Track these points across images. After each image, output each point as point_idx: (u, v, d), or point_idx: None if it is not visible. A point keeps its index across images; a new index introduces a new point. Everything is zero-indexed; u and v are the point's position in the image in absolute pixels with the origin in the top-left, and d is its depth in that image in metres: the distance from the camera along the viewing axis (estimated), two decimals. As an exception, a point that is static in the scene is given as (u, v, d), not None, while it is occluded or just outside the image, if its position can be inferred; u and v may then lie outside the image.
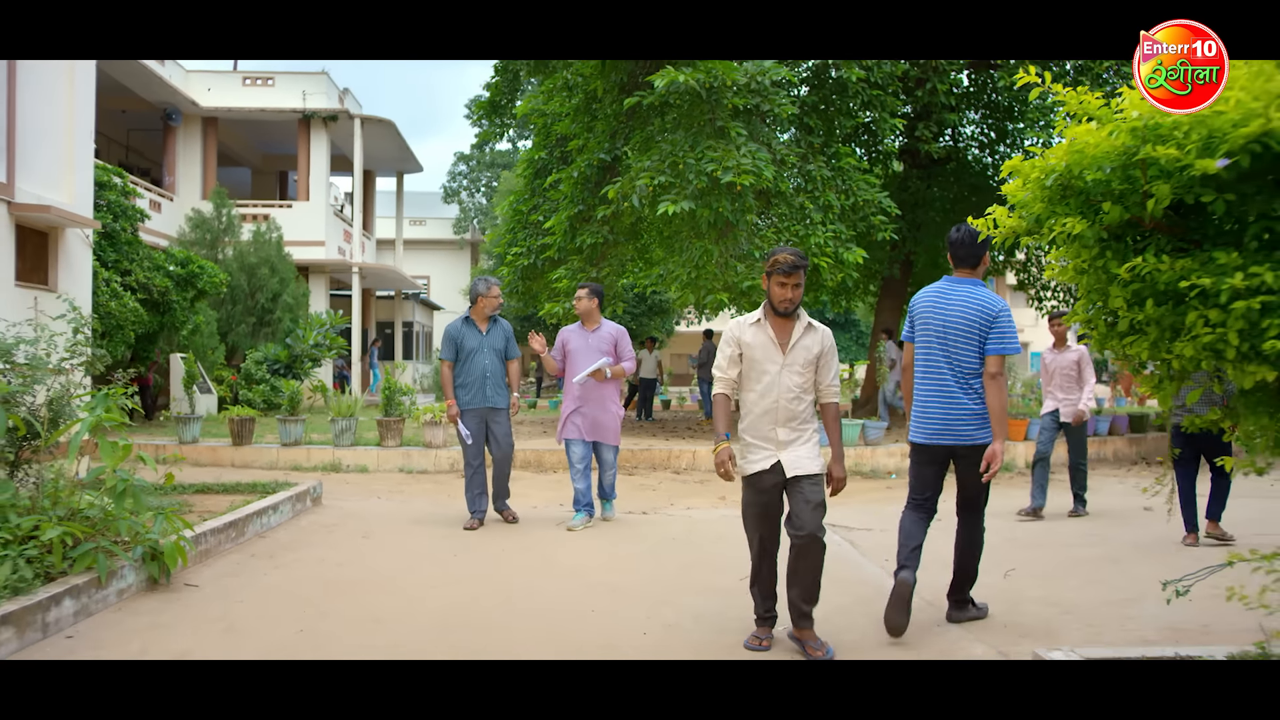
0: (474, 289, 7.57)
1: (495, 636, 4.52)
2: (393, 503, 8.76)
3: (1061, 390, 8.44)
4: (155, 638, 4.39)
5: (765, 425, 4.21)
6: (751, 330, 4.26)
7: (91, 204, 8.82)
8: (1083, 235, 2.30)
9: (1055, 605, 5.10)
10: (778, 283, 4.16)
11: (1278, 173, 2.16)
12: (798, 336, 4.21)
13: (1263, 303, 2.04)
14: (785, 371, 4.19)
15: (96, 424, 4.93)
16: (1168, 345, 2.26)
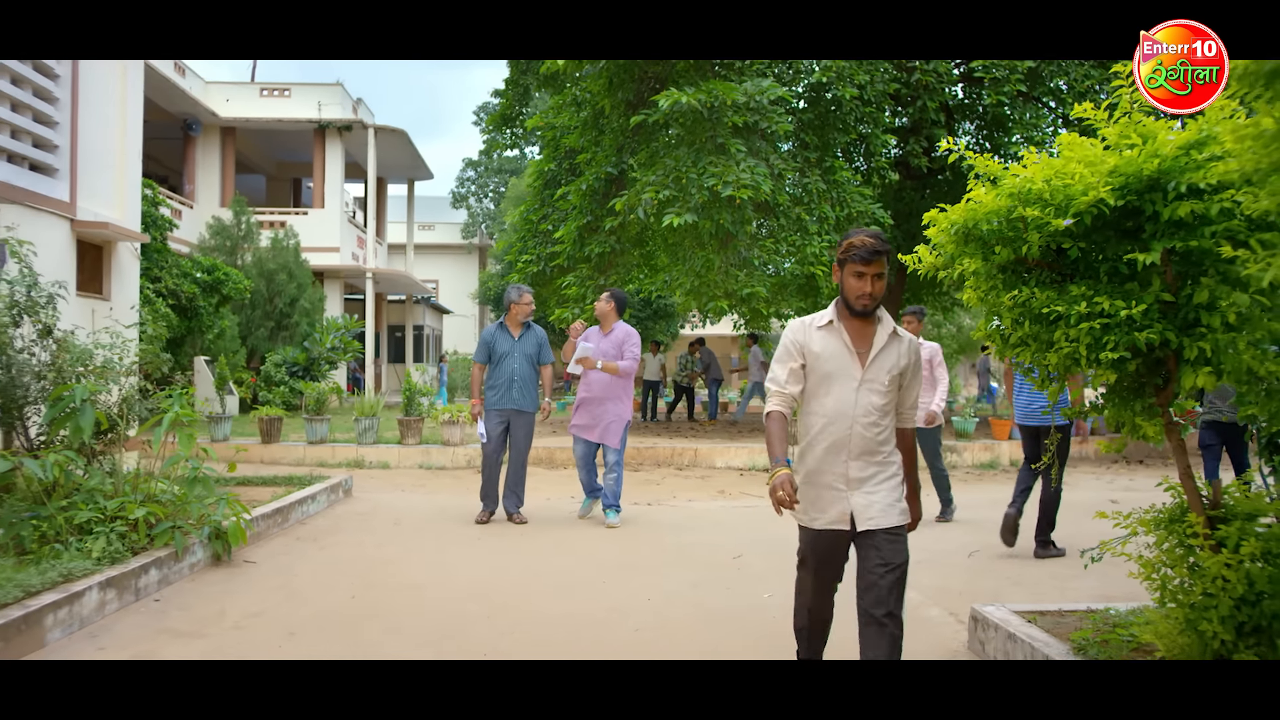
0: (506, 296, 7.89)
1: (521, 600, 5.25)
2: (417, 495, 9.49)
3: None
4: (230, 602, 5.13)
5: (834, 459, 3.23)
6: (821, 336, 3.27)
7: (139, 219, 9.57)
8: (979, 270, 3.03)
9: (1008, 579, 5.83)
10: (854, 273, 3.17)
11: (1119, 226, 2.88)
12: (881, 344, 3.22)
13: (1103, 324, 2.77)
14: (865, 390, 3.20)
15: (175, 419, 5.66)
16: (1043, 355, 2.99)
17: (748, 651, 4.38)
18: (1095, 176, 2.72)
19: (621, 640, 4.54)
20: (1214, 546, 2.97)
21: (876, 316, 3.25)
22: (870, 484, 3.24)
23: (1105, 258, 2.91)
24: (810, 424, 3.34)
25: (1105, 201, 2.68)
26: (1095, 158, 2.82)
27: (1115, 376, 2.98)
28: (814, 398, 3.31)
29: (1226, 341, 2.75)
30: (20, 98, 7.48)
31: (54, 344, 6.20)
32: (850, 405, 3.22)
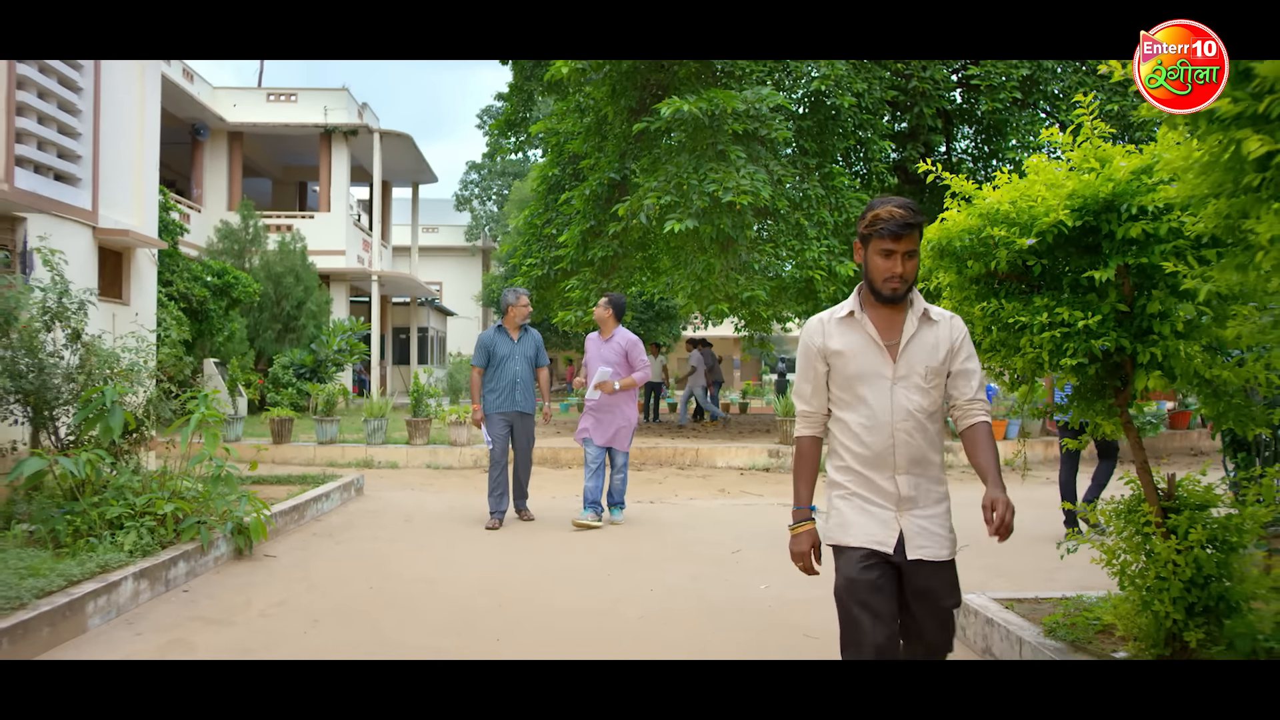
0: (504, 299, 7.91)
1: (530, 592, 5.54)
2: (426, 493, 9.78)
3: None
4: (255, 592, 5.41)
5: (876, 475, 2.74)
6: (840, 330, 2.80)
7: (157, 225, 9.86)
8: (953, 283, 3.32)
9: (994, 571, 6.10)
10: (880, 250, 2.69)
11: (1080, 242, 3.16)
12: (912, 331, 2.75)
13: (1063, 332, 3.05)
14: (900, 387, 2.72)
15: (202, 420, 5.96)
16: (1010, 360, 3.27)
17: (745, 639, 4.66)
18: (1056, 199, 3.00)
19: (626, 629, 4.82)
20: (1166, 534, 3.26)
21: (907, 300, 2.75)
22: (923, 506, 2.74)
23: (1068, 271, 3.20)
24: (843, 436, 2.80)
25: (1064, 222, 2.97)
26: (1057, 180, 3.10)
27: (1078, 380, 3.26)
28: (843, 404, 2.79)
29: (1176, 348, 3.04)
30: (47, 110, 7.77)
31: (82, 348, 6.49)
32: (886, 409, 2.71)
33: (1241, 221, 2.24)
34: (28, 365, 6.13)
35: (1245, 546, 3.25)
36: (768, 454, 12.55)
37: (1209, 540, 3.21)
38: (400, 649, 4.38)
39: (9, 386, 6.09)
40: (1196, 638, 3.20)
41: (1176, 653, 3.31)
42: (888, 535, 2.72)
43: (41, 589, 4.40)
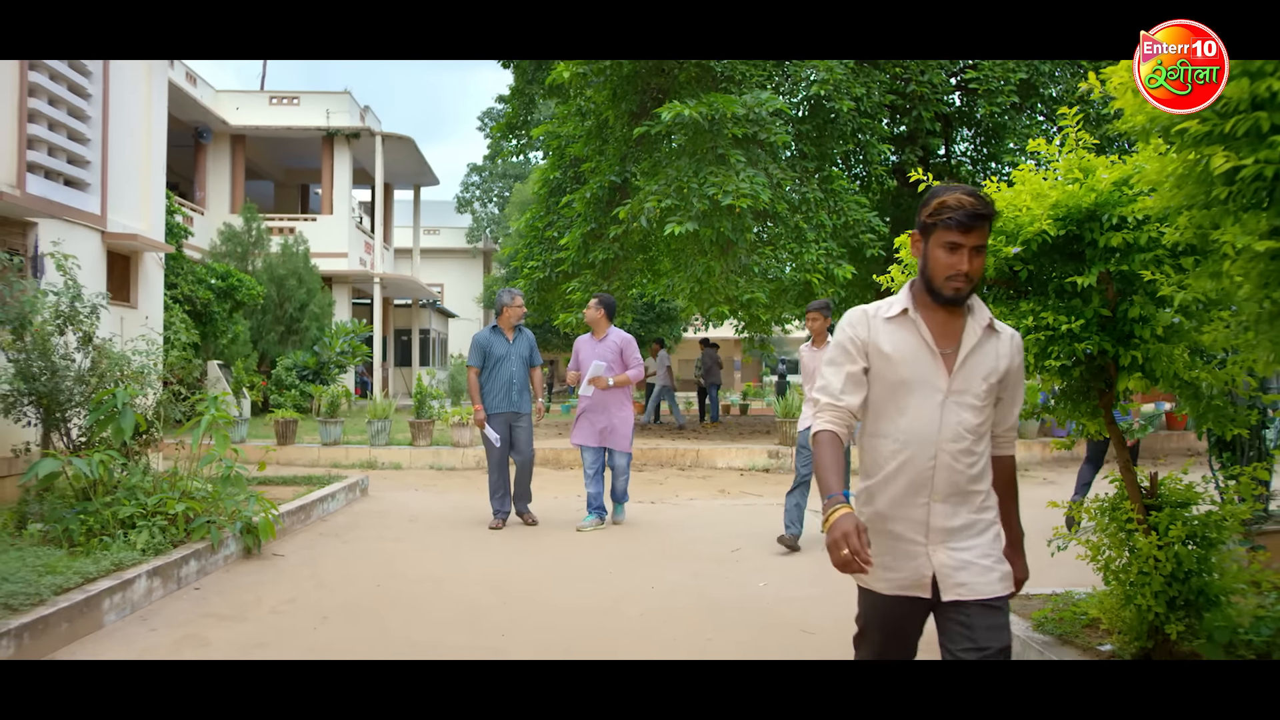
0: (499, 300, 7.90)
1: (534, 590, 5.66)
2: (429, 494, 9.90)
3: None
4: (265, 590, 5.54)
5: (910, 502, 2.44)
6: (890, 329, 2.48)
7: (164, 229, 9.99)
8: (943, 288, 3.45)
9: (988, 569, 6.22)
10: (945, 244, 2.38)
11: (1065, 250, 3.28)
12: (974, 341, 2.43)
13: (1047, 336, 3.17)
14: (953, 403, 2.41)
15: (212, 421, 6.08)
16: (998, 362, 3.40)
17: (744, 636, 4.78)
18: (1040, 209, 3.12)
19: (627, 626, 4.94)
20: (1147, 530, 3.38)
21: (967, 305, 2.43)
22: (961, 537, 2.39)
23: (1054, 277, 3.32)
24: (878, 451, 2.49)
25: (1047, 232, 3.09)
26: (1042, 191, 3.22)
27: (1064, 382, 3.39)
28: (883, 415, 2.47)
29: (1157, 351, 3.16)
30: (57, 117, 7.90)
31: (93, 351, 6.61)
32: (933, 426, 2.39)
33: (1212, 232, 2.36)
34: (40, 368, 6.25)
35: (1225, 542, 3.37)
36: (767, 455, 12.67)
37: (1189, 536, 3.34)
38: (408, 645, 4.51)
39: (23, 389, 6.22)
40: (1177, 630, 3.33)
41: (1159, 645, 3.43)
42: (918, 578, 2.41)
43: (59, 586, 4.52)
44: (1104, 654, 3.57)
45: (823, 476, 2.38)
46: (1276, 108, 2.11)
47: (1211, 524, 3.36)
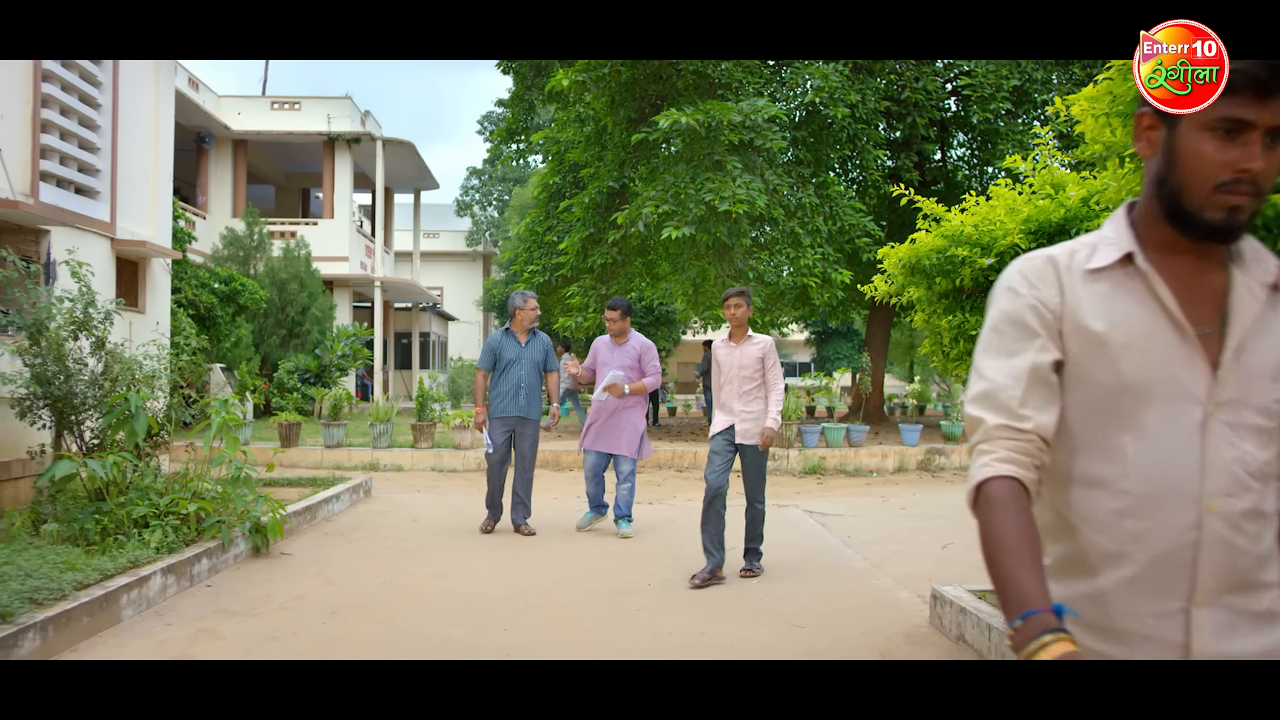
0: (511, 302, 7.77)
1: (535, 586, 5.85)
2: (432, 495, 10.09)
3: (740, 399, 6.09)
4: (274, 587, 5.73)
5: (1150, 604, 1.42)
6: (1102, 291, 1.49)
7: (170, 235, 10.18)
8: (923, 297, 3.64)
9: (975, 567, 6.36)
10: (1221, 124, 1.55)
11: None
12: (1252, 310, 1.45)
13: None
14: (1222, 424, 1.41)
15: (223, 424, 6.27)
16: (974, 368, 3.60)
17: (737, 629, 4.97)
18: (1013, 223, 3.32)
19: (625, 619, 5.13)
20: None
21: (1234, 249, 1.49)
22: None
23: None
24: (1085, 513, 1.47)
25: (1019, 244, 3.29)
26: (1016, 206, 3.42)
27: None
28: (1092, 447, 1.47)
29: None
30: (69, 127, 8.09)
31: (106, 355, 6.80)
32: (1190, 466, 1.41)
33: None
34: (55, 372, 6.44)
35: None
36: (764, 457, 12.85)
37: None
38: (415, 638, 4.70)
39: (38, 392, 6.40)
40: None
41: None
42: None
43: (80, 582, 4.71)
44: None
45: (1003, 571, 1.33)
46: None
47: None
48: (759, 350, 6.07)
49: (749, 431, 6.05)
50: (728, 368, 6.15)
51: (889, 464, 12.94)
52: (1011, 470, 1.40)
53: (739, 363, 6.08)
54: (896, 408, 24.17)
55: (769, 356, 6.07)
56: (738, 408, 6.08)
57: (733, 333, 6.21)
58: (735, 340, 6.19)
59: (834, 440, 13.41)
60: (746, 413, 6.04)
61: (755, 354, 6.06)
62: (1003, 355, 1.48)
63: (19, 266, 6.50)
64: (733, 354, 6.15)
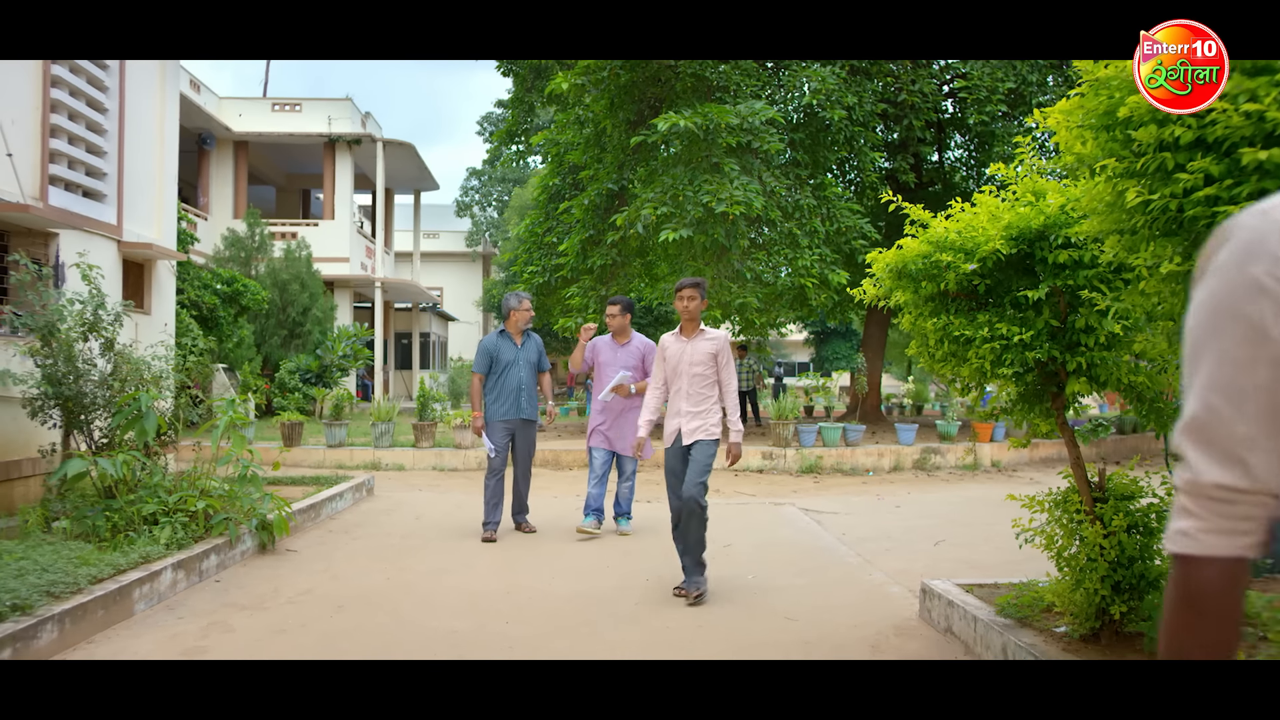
0: (505, 304, 7.70)
1: (535, 581, 5.99)
2: (433, 494, 10.23)
3: (689, 400, 5.57)
4: (281, 582, 5.87)
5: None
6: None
7: (175, 237, 10.32)
8: (910, 301, 3.78)
9: (965, 562, 6.56)
10: None
11: (1020, 266, 3.62)
12: None
13: (1001, 345, 3.51)
14: None
15: (230, 423, 6.41)
16: (959, 368, 3.73)
17: (733, 622, 5.11)
18: (995, 229, 3.46)
19: (623, 612, 5.27)
20: (1094, 521, 3.72)
21: None
22: None
23: (1009, 291, 3.66)
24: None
25: (1000, 250, 3.43)
26: (998, 212, 3.56)
27: (1017, 386, 3.73)
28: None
29: (1100, 358, 3.50)
30: (77, 131, 8.23)
31: (114, 356, 6.94)
32: None
33: (1130, 256, 2.70)
34: (65, 373, 6.58)
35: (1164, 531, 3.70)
36: (761, 456, 12.99)
37: (1131, 526, 3.67)
38: (420, 630, 4.84)
39: (49, 393, 6.55)
40: (1121, 610, 3.66)
41: (1105, 625, 3.77)
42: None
43: (94, 576, 4.85)
44: (1059, 634, 3.91)
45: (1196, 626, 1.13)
46: (1179, 149, 2.44)
47: (1153, 514, 3.70)
48: (713, 345, 5.59)
49: (698, 429, 5.52)
50: (677, 364, 5.62)
51: (885, 463, 13.08)
52: (1230, 548, 1.10)
53: (690, 359, 5.57)
54: (894, 407, 24.29)
55: (723, 353, 5.61)
56: (686, 409, 5.57)
57: (684, 326, 5.68)
58: (687, 335, 5.66)
59: (831, 439, 13.55)
60: (694, 413, 5.55)
61: (708, 349, 5.57)
62: (1225, 379, 1.10)
63: (31, 270, 6.64)
64: (684, 349, 5.62)
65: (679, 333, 5.71)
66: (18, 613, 4.19)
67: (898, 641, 4.70)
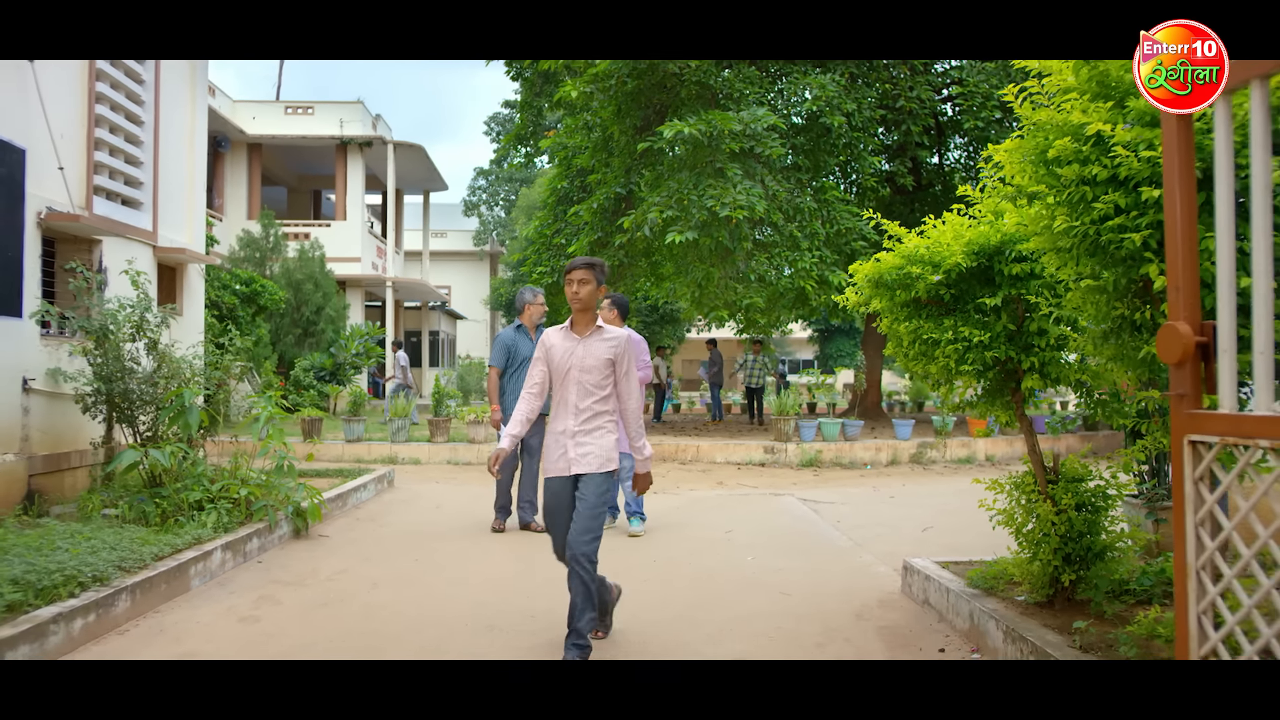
0: (520, 298, 7.73)
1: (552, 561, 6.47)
2: (450, 486, 10.75)
3: (575, 416, 4.29)
4: (319, 563, 6.40)
5: None
6: None
7: (204, 241, 10.86)
8: (886, 307, 4.30)
9: (949, 546, 7.04)
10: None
11: (982, 277, 4.12)
12: None
13: (964, 346, 4.02)
14: None
15: (269, 416, 6.95)
16: (928, 367, 4.24)
17: (732, 597, 5.62)
18: (957, 245, 3.97)
19: (632, 588, 5.76)
20: (1046, 500, 4.23)
21: None
22: None
23: (973, 298, 4.16)
24: None
25: (960, 264, 3.94)
26: (961, 230, 4.07)
27: (980, 383, 4.24)
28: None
29: (1051, 357, 4.01)
30: (117, 144, 8.76)
31: (158, 355, 7.47)
32: None
33: (1060, 271, 3.21)
34: (114, 371, 7.11)
35: (1110, 509, 4.21)
36: (763, 450, 13.50)
37: (1080, 505, 4.18)
38: (450, 602, 5.36)
39: (101, 389, 7.08)
40: (1070, 579, 4.17)
41: (1058, 592, 4.28)
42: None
43: (156, 554, 5.39)
44: (1019, 602, 4.41)
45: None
46: (1096, 185, 2.95)
47: (1099, 494, 4.21)
48: (610, 349, 4.27)
49: (589, 456, 4.24)
50: (564, 368, 4.28)
51: (882, 457, 13.58)
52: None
53: (581, 363, 4.26)
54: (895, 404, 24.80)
55: (624, 360, 4.31)
56: (572, 427, 4.26)
57: (574, 320, 4.33)
58: (579, 331, 4.32)
59: (830, 435, 14.05)
60: (582, 432, 4.25)
61: (604, 354, 4.26)
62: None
63: (87, 277, 7.17)
64: (573, 350, 4.29)
65: (569, 326, 4.36)
66: (97, 584, 4.73)
67: (880, 612, 5.21)
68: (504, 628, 4.88)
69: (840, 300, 4.56)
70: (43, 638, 4.11)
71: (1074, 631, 3.78)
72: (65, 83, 7.89)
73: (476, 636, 4.73)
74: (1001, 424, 4.49)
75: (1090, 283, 2.98)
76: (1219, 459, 2.20)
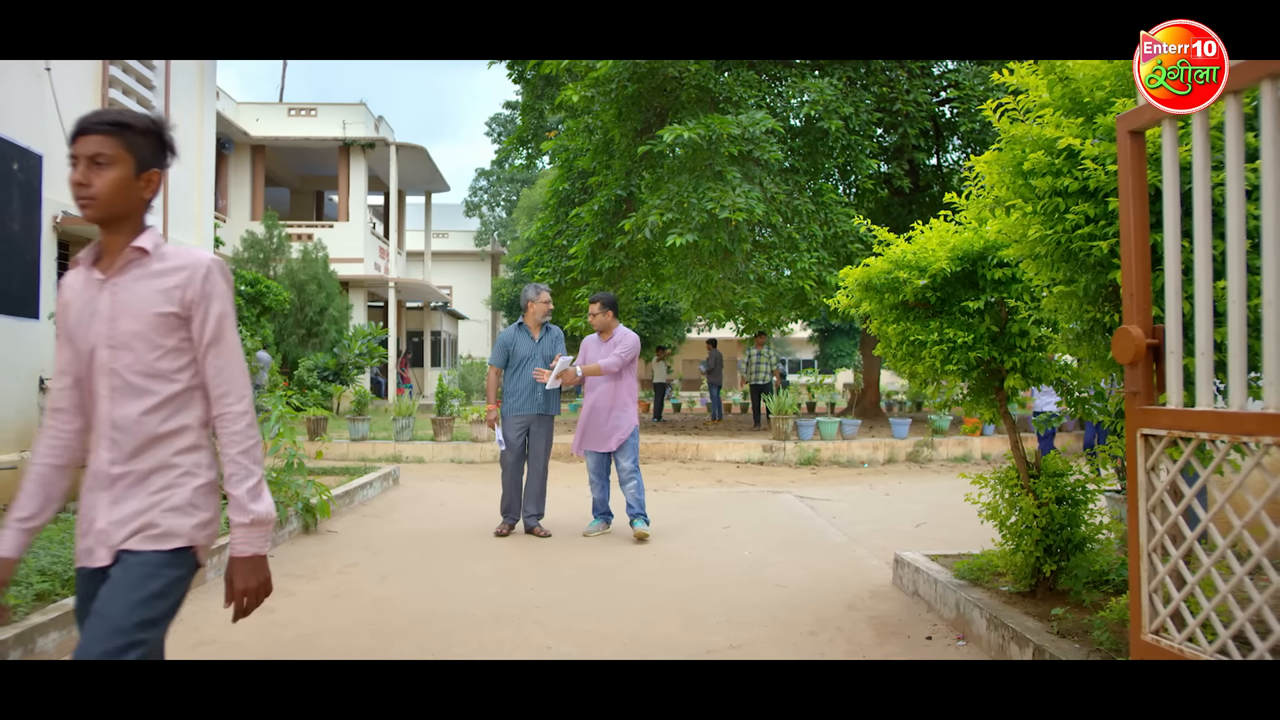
0: (524, 295, 7.59)
1: (554, 555, 6.70)
2: (454, 484, 10.96)
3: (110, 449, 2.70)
4: (329, 557, 6.59)
5: None
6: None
7: (213, 243, 11.06)
8: (875, 310, 4.50)
9: (941, 541, 7.23)
10: None
11: (967, 281, 4.31)
12: None
13: (949, 347, 4.21)
14: None
15: (280, 416, 7.15)
16: (914, 367, 4.44)
17: (730, 589, 5.82)
18: (943, 252, 4.17)
19: (633, 579, 5.99)
20: (1028, 494, 4.42)
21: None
22: None
23: (958, 301, 4.36)
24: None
25: (944, 269, 4.14)
26: (947, 237, 4.27)
27: (965, 382, 4.44)
28: None
29: (1032, 357, 4.21)
30: (129, 149, 8.97)
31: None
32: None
33: (1036, 277, 3.40)
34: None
35: (1090, 503, 4.41)
36: (762, 449, 13.70)
37: (1060, 498, 4.38)
38: (457, 594, 5.56)
39: (116, 388, 7.27)
40: (1051, 569, 4.37)
41: (1040, 582, 4.47)
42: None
43: (173, 548, 5.58)
44: (1003, 592, 4.61)
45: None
46: (1068, 196, 3.14)
47: (1079, 488, 4.40)
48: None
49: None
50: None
51: (880, 455, 13.78)
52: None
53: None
54: (894, 404, 24.99)
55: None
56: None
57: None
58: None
59: (828, 433, 14.25)
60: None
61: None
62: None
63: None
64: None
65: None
66: (119, 575, 4.91)
67: (871, 602, 5.41)
68: (509, 618, 5.07)
69: (831, 303, 4.75)
70: (70, 625, 4.30)
71: (1052, 618, 3.97)
72: (80, 89, 8.10)
73: (481, 626, 4.93)
74: (986, 420, 4.69)
75: (1064, 288, 3.18)
76: (1166, 451, 2.40)
